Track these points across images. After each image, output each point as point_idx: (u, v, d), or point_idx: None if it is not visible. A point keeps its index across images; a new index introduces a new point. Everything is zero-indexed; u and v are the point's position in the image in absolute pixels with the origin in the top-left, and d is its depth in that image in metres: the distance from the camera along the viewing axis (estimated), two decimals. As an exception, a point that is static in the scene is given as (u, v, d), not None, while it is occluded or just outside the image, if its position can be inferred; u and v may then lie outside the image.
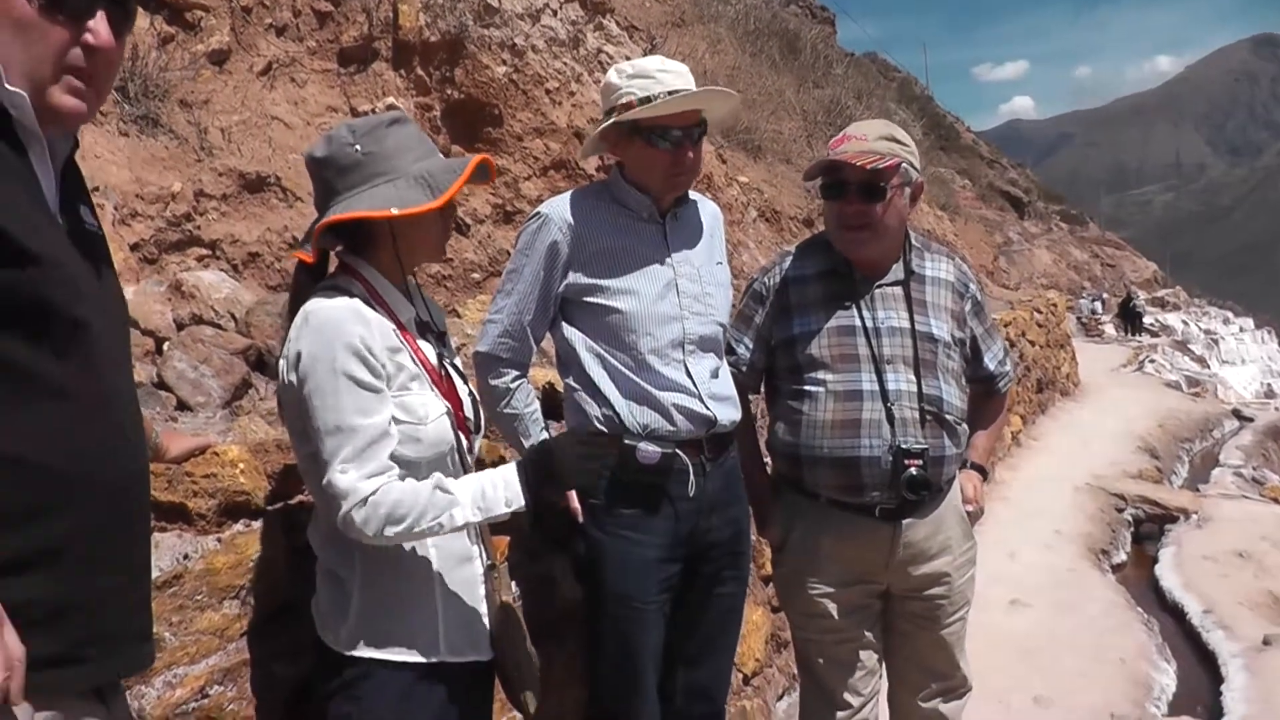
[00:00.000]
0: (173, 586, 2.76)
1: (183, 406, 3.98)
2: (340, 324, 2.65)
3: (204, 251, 5.40)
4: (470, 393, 3.03)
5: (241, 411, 3.95)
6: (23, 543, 1.81)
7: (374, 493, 2.57)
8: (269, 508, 3.13)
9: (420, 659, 2.74)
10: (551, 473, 2.78)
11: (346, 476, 2.58)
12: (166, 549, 2.82)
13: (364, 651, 2.72)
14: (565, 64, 8.00)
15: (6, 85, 1.83)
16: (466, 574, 2.88)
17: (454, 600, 2.82)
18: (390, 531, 2.58)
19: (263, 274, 5.54)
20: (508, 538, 3.10)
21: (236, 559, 2.96)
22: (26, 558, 1.81)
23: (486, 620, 2.90)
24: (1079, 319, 35.23)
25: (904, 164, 3.75)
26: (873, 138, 3.76)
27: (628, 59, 9.12)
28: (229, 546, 2.97)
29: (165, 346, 4.29)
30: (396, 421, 2.69)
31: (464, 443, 2.87)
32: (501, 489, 2.71)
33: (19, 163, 1.88)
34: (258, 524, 3.08)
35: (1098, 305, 40.31)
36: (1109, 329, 37.75)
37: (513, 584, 3.03)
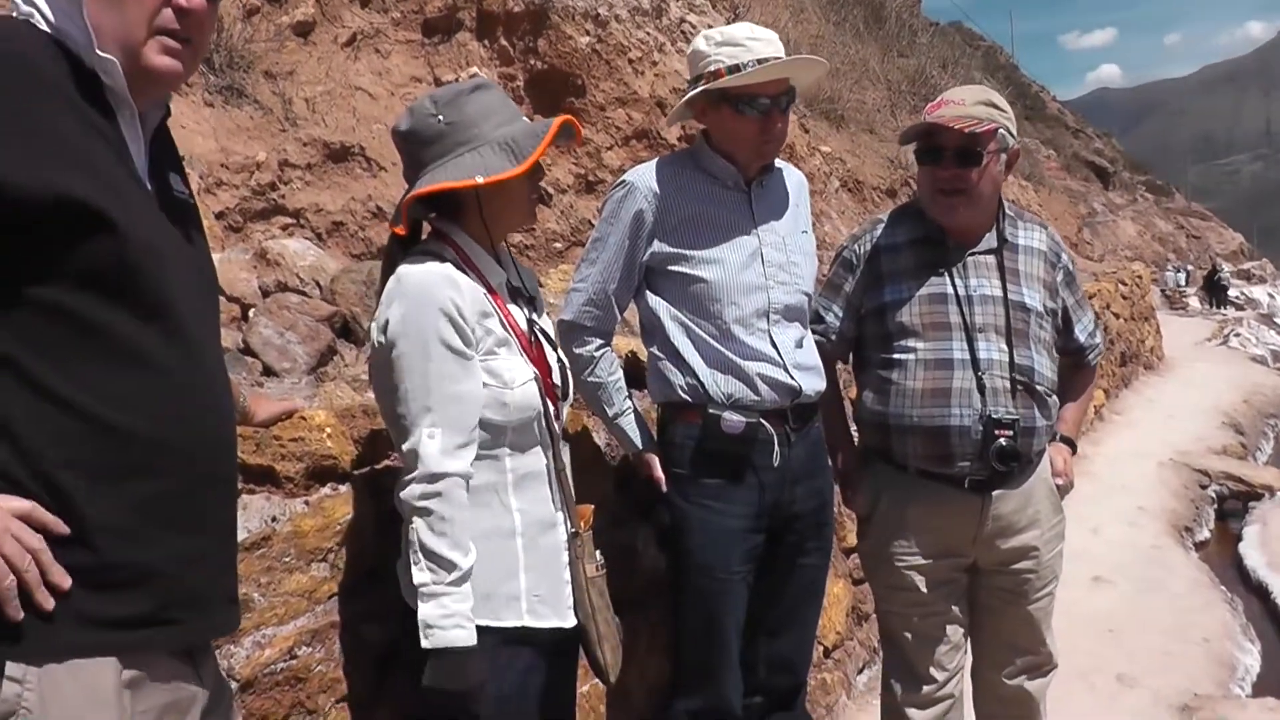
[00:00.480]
0: (261, 548, 2.80)
1: (268, 372, 4.02)
2: (432, 288, 2.68)
3: (288, 220, 5.45)
4: (559, 359, 3.03)
5: (327, 378, 3.99)
6: (111, 505, 1.86)
7: (451, 481, 2.62)
8: (356, 472, 3.17)
9: (502, 624, 2.75)
10: (439, 669, 2.61)
11: (434, 443, 2.61)
12: (254, 511, 2.86)
13: None
14: (648, 33, 7.98)
15: (98, 51, 1.86)
16: (550, 541, 2.88)
17: (536, 567, 2.84)
18: (415, 520, 2.61)
19: (347, 243, 5.59)
20: (592, 506, 3.07)
21: (324, 522, 3.00)
22: (114, 520, 1.85)
23: (569, 588, 2.92)
24: (1163, 291, 34.74)
25: (1001, 129, 3.69)
26: (970, 102, 3.70)
27: (711, 28, 9.10)
28: (316, 509, 3.00)
29: (251, 313, 4.34)
30: (484, 385, 2.72)
31: (551, 409, 2.87)
32: (444, 627, 2.58)
33: (109, 129, 1.92)
34: (345, 488, 3.11)
35: (1182, 277, 39.66)
36: (1193, 302, 37.17)
37: (597, 552, 3.01)
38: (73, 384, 1.82)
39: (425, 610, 2.58)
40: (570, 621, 2.91)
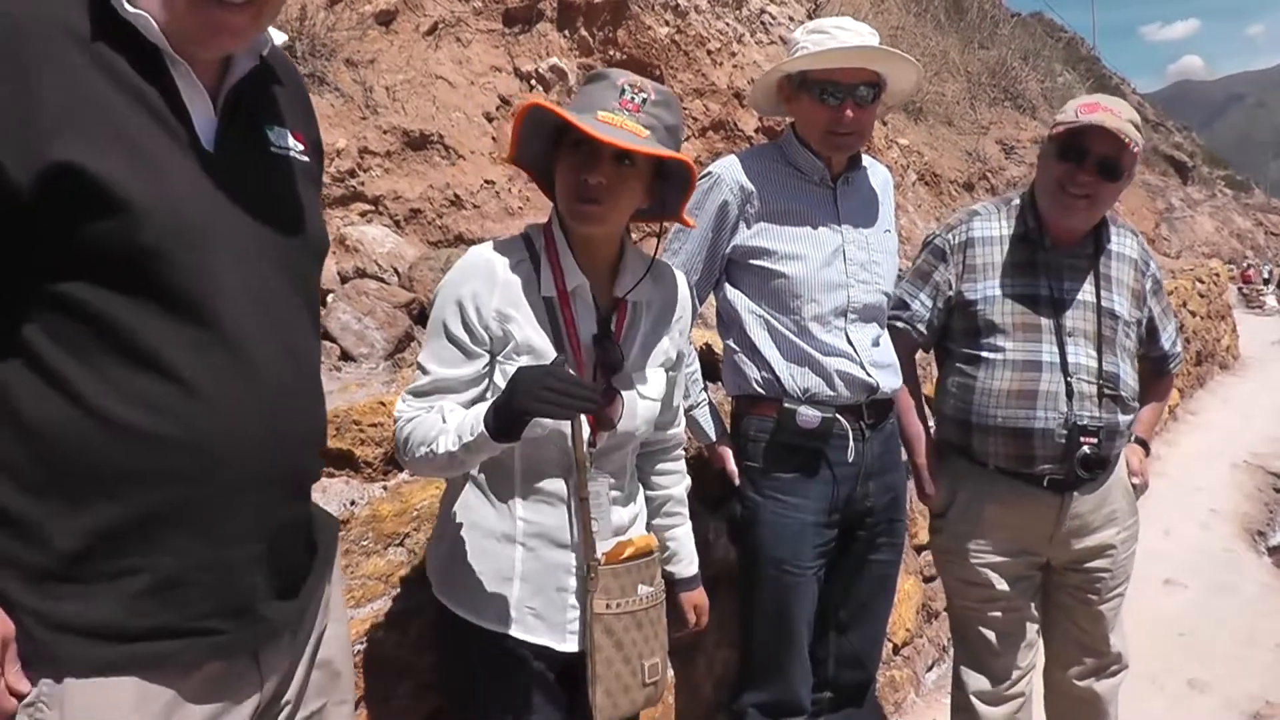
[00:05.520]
0: (339, 531, 2.83)
1: (346, 357, 4.06)
2: (465, 276, 2.65)
3: (367, 207, 5.48)
4: (624, 395, 2.79)
5: (404, 364, 4.02)
6: (126, 510, 1.76)
7: (411, 419, 2.59)
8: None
9: (487, 626, 2.70)
10: (510, 394, 2.42)
11: (403, 404, 2.66)
12: (334, 495, 2.90)
13: (444, 600, 2.75)
14: (727, 24, 7.96)
15: (128, 7, 1.74)
16: (556, 558, 2.75)
17: (533, 579, 2.73)
18: (413, 455, 2.58)
19: (424, 230, 5.61)
20: (632, 543, 2.80)
21: (401, 507, 3.04)
22: (130, 525, 1.77)
23: (575, 613, 2.76)
24: (1240, 290, 34.14)
25: (1139, 153, 3.68)
26: (1124, 116, 3.63)
27: (791, 19, 9.05)
28: (394, 495, 3.04)
29: (329, 299, 4.37)
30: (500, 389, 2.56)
31: (583, 432, 2.69)
32: (475, 415, 2.48)
33: (148, 87, 1.79)
34: (422, 474, 3.15)
35: (1265, 273, 38.83)
36: (1270, 300, 36.41)
37: (640, 586, 2.78)
38: (90, 381, 1.72)
39: (465, 432, 2.47)
40: (569, 646, 2.76)
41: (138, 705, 1.77)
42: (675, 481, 3.16)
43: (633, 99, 2.61)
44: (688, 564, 3.19)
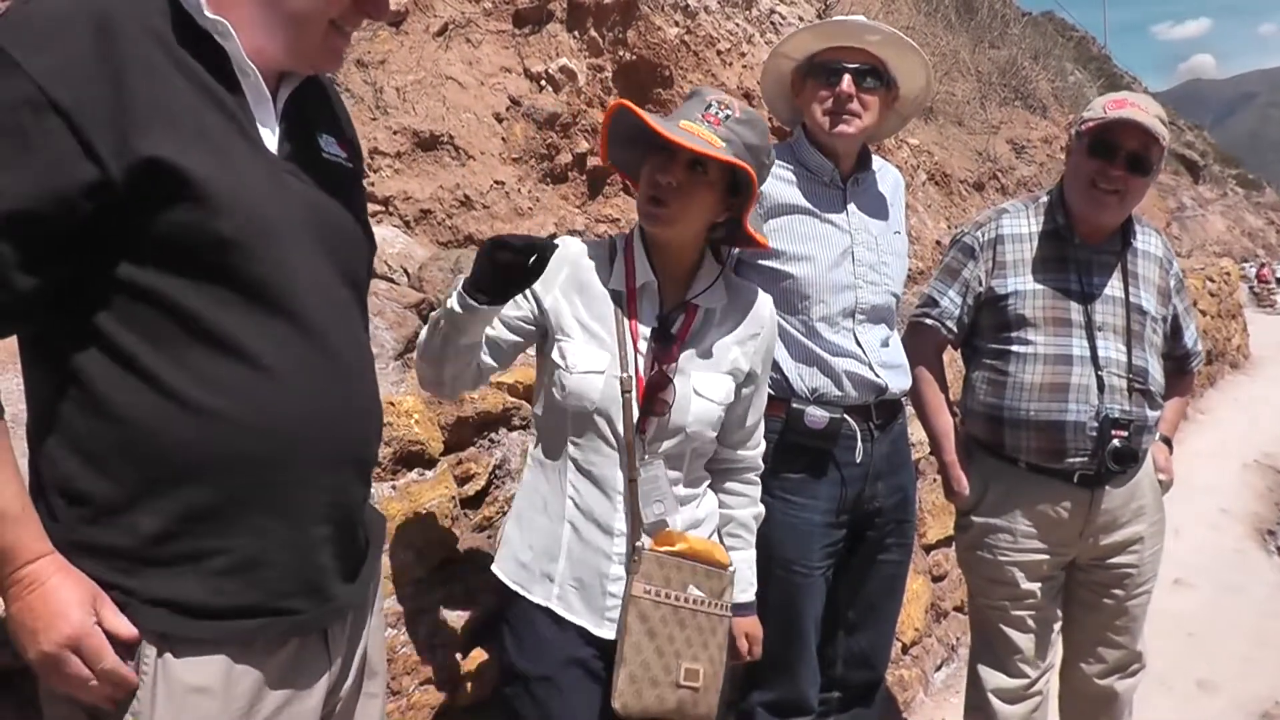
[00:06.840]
0: (386, 527, 2.84)
1: (356, 357, 4.08)
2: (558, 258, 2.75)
3: (377, 208, 5.48)
4: (678, 387, 2.85)
5: (413, 364, 4.04)
6: (209, 491, 1.80)
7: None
8: (442, 458, 3.21)
9: (532, 598, 2.81)
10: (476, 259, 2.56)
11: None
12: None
13: (502, 575, 2.86)
14: (737, 24, 7.96)
15: (208, 14, 1.81)
16: (598, 542, 2.82)
17: (577, 558, 2.82)
18: (419, 345, 2.82)
19: (434, 230, 5.62)
20: (686, 534, 2.86)
21: (410, 507, 3.04)
22: (213, 506, 1.81)
23: (614, 600, 2.81)
24: (1251, 289, 33.97)
25: (1165, 148, 3.74)
26: (1151, 112, 3.70)
27: (800, 19, 9.04)
28: (403, 494, 3.05)
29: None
30: (554, 365, 2.80)
31: (631, 414, 2.78)
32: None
33: (223, 90, 1.85)
34: (431, 474, 3.16)
35: (1279, 272, 38.54)
36: (1281, 299, 36.18)
37: (690, 587, 2.83)
38: (169, 367, 1.75)
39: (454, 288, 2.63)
40: (605, 632, 2.81)
41: (226, 688, 1.84)
42: (742, 505, 3.20)
43: (716, 113, 2.79)
44: (742, 590, 3.17)
